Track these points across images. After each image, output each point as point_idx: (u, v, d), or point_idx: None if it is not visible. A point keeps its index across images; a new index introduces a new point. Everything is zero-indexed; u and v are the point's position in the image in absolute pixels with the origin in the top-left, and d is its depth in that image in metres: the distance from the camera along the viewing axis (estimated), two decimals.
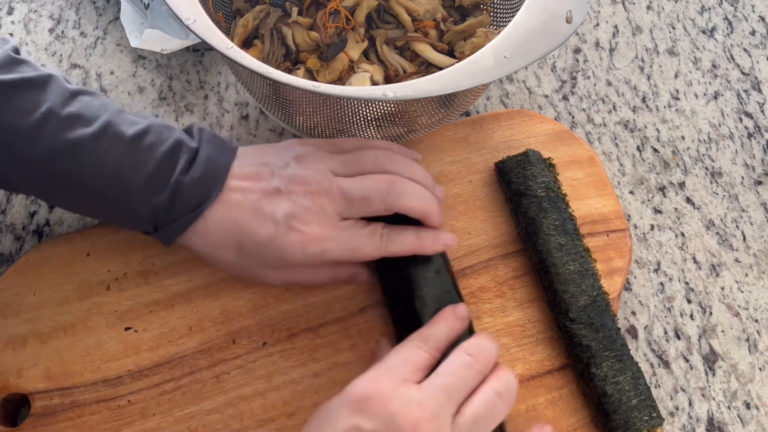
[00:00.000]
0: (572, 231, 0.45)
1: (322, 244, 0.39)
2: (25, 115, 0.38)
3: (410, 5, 0.50)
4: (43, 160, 0.38)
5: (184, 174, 0.39)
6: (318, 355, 0.44)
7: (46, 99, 0.39)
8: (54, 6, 0.61)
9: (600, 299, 0.43)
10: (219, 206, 0.39)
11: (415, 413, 0.33)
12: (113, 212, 0.40)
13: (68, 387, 0.43)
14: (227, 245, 0.40)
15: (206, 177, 0.39)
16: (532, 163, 0.47)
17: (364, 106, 0.43)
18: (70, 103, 0.39)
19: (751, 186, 0.54)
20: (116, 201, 0.39)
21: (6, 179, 0.40)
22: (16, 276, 0.46)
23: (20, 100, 0.38)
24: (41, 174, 0.39)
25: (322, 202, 0.39)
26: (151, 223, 0.40)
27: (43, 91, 0.39)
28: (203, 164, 0.40)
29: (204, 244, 0.41)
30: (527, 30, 0.39)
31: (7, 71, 0.39)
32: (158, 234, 0.41)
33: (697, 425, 0.45)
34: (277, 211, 0.39)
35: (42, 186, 0.40)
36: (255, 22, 0.51)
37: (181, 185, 0.39)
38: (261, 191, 0.40)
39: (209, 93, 0.57)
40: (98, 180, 0.39)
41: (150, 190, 0.39)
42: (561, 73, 0.59)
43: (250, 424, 0.42)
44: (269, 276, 0.42)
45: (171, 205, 0.39)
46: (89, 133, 0.38)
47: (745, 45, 0.61)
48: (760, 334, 0.49)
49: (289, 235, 0.39)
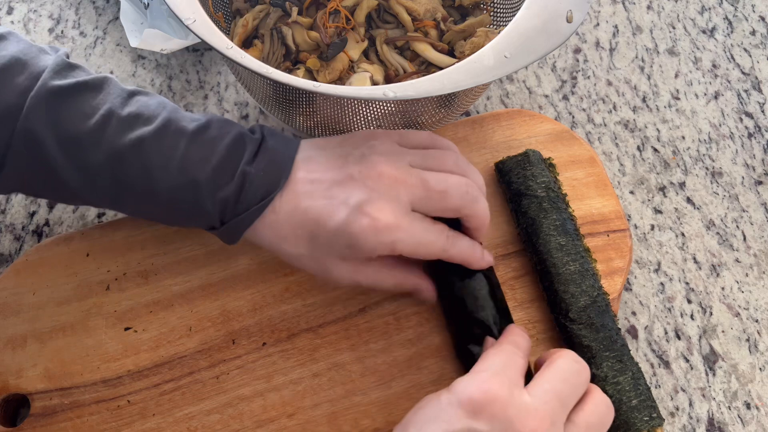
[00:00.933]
0: (572, 231, 0.45)
1: (393, 233, 0.38)
2: (85, 118, 0.38)
3: (410, 5, 0.50)
4: (107, 163, 0.38)
5: (250, 164, 0.38)
6: (318, 355, 0.44)
7: (105, 101, 0.38)
8: (54, 6, 0.61)
9: (600, 299, 0.43)
10: (288, 196, 0.39)
11: (533, 420, 0.33)
12: (180, 209, 0.39)
13: (68, 387, 0.43)
14: (298, 236, 0.39)
15: (272, 166, 0.39)
16: (532, 163, 0.47)
17: (364, 106, 0.43)
18: (128, 103, 0.39)
19: (752, 186, 0.54)
20: (183, 197, 0.38)
21: (69, 187, 0.39)
22: (15, 276, 0.46)
23: (79, 104, 0.38)
24: (106, 177, 0.38)
25: (397, 190, 0.38)
26: (219, 218, 0.39)
27: (100, 93, 0.39)
28: (268, 154, 0.39)
29: (274, 237, 0.40)
30: (527, 29, 0.39)
31: (63, 76, 0.38)
32: (225, 229, 0.40)
33: (698, 425, 0.45)
34: (350, 198, 0.38)
35: (107, 190, 0.39)
36: (255, 22, 0.51)
37: (247, 175, 0.38)
38: (332, 180, 0.39)
39: (209, 93, 0.57)
40: (164, 177, 0.38)
41: (216, 182, 0.38)
42: (561, 73, 0.59)
43: (250, 425, 0.42)
44: (339, 271, 0.40)
45: (238, 197, 0.38)
46: (151, 131, 0.38)
47: (746, 45, 0.61)
48: (760, 334, 0.48)
49: (361, 221, 0.37)
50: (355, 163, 0.39)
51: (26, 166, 0.38)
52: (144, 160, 0.38)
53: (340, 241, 0.38)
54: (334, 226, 0.38)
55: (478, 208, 0.41)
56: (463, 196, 0.40)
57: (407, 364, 0.44)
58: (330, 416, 0.42)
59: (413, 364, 0.44)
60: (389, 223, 0.38)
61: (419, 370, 0.44)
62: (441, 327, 0.45)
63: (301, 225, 0.39)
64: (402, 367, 0.44)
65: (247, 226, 0.39)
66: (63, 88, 0.38)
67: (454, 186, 0.40)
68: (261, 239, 0.40)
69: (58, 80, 0.38)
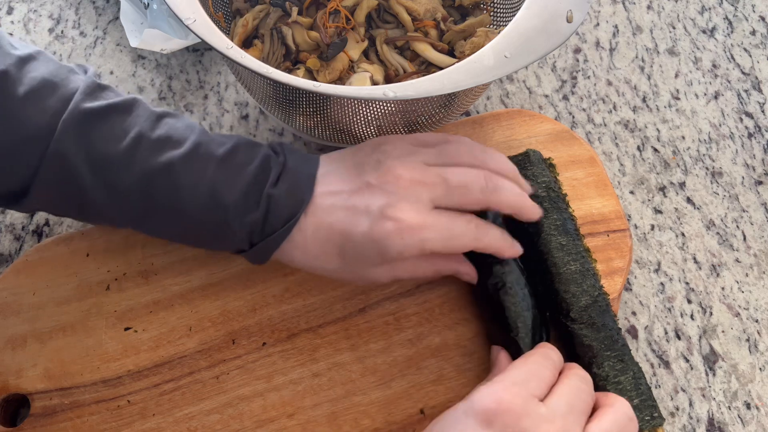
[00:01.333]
0: (573, 231, 0.45)
1: (420, 233, 0.38)
2: (116, 141, 0.38)
3: (410, 5, 0.50)
4: (137, 185, 0.38)
5: (274, 187, 0.39)
6: (318, 355, 0.44)
7: (135, 123, 0.39)
8: (53, 6, 0.61)
9: (601, 299, 0.43)
10: (313, 214, 0.39)
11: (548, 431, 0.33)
12: (208, 232, 0.40)
13: (68, 387, 0.43)
14: (328, 252, 0.40)
15: (295, 187, 0.39)
16: (533, 163, 0.47)
17: (364, 106, 0.43)
18: (158, 125, 0.39)
19: (752, 186, 0.54)
20: (212, 221, 0.39)
21: (96, 206, 0.39)
22: (15, 276, 0.46)
23: (110, 127, 0.38)
24: (136, 200, 0.39)
25: (417, 191, 0.39)
26: (248, 241, 0.40)
27: (130, 115, 0.39)
28: (291, 175, 0.40)
29: (305, 256, 0.40)
30: (527, 29, 0.39)
31: (94, 98, 0.39)
32: (253, 251, 0.40)
33: (698, 425, 0.45)
34: (371, 204, 0.38)
35: (136, 212, 0.39)
36: (255, 21, 0.51)
37: (272, 198, 0.39)
38: (351, 190, 0.39)
39: (209, 93, 0.57)
40: (193, 201, 0.38)
41: (245, 207, 0.39)
42: (561, 73, 0.59)
43: (250, 425, 0.42)
44: (375, 275, 0.40)
45: (265, 220, 0.39)
46: (181, 155, 0.38)
47: (746, 45, 0.61)
48: (760, 334, 0.48)
49: (385, 225, 0.38)
50: (372, 170, 0.40)
51: (56, 186, 0.38)
52: (172, 183, 0.38)
53: (369, 250, 0.38)
54: (359, 237, 0.38)
55: (503, 196, 0.40)
56: (483, 188, 0.40)
57: (407, 364, 0.44)
58: (330, 416, 0.42)
59: (413, 364, 0.44)
60: (413, 223, 0.38)
61: (419, 370, 0.44)
62: (441, 327, 0.45)
63: (328, 240, 0.39)
64: (402, 367, 0.44)
65: (276, 248, 0.40)
66: (94, 110, 0.38)
67: (473, 180, 0.40)
68: (292, 260, 0.41)
69: (89, 102, 0.38)
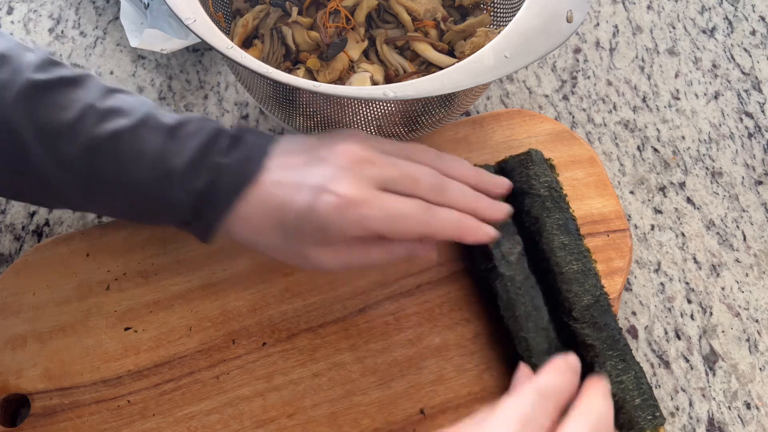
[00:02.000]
0: (574, 231, 0.45)
1: (360, 208, 0.36)
2: (63, 111, 0.37)
3: (410, 5, 0.50)
4: (83, 154, 0.37)
5: (224, 156, 0.38)
6: (318, 356, 0.44)
7: (85, 95, 0.38)
8: (54, 6, 0.61)
9: (603, 299, 0.43)
10: (260, 187, 0.37)
11: None
12: (154, 204, 0.39)
13: (68, 387, 0.43)
14: (269, 227, 0.38)
15: (246, 159, 0.38)
16: (535, 162, 0.47)
17: (364, 106, 0.43)
18: (108, 97, 0.39)
19: (752, 186, 0.54)
20: (158, 190, 0.38)
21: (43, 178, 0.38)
22: (15, 276, 0.46)
23: (58, 98, 0.38)
24: (81, 170, 0.38)
25: (365, 168, 0.37)
26: (191, 212, 0.38)
27: (80, 88, 0.39)
28: (243, 147, 0.38)
29: (247, 231, 0.38)
30: (528, 29, 0.39)
31: (44, 72, 0.38)
32: (198, 224, 0.39)
33: (698, 425, 0.45)
34: (315, 176, 0.37)
35: (82, 184, 0.39)
36: (255, 21, 0.51)
37: (220, 167, 0.37)
38: (302, 164, 0.38)
39: (209, 93, 0.57)
40: (137, 169, 0.37)
41: (190, 174, 0.37)
42: (561, 73, 0.59)
43: (250, 425, 0.42)
44: (319, 257, 0.38)
45: (211, 190, 0.37)
46: (128, 125, 0.38)
47: (746, 45, 0.61)
48: (760, 334, 0.48)
49: (324, 198, 0.36)
50: (326, 147, 0.38)
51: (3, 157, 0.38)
52: (119, 152, 0.37)
53: (308, 224, 0.37)
54: (297, 210, 0.37)
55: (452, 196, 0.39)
56: (432, 186, 0.38)
57: (407, 364, 0.44)
58: (330, 416, 0.42)
59: (413, 364, 0.44)
60: (354, 198, 0.36)
61: (419, 370, 0.44)
62: (441, 327, 0.45)
63: (271, 214, 0.38)
64: (402, 367, 0.44)
65: (220, 219, 0.38)
66: (44, 82, 0.38)
67: (424, 174, 0.38)
68: (238, 234, 0.39)
69: (39, 74, 0.38)
